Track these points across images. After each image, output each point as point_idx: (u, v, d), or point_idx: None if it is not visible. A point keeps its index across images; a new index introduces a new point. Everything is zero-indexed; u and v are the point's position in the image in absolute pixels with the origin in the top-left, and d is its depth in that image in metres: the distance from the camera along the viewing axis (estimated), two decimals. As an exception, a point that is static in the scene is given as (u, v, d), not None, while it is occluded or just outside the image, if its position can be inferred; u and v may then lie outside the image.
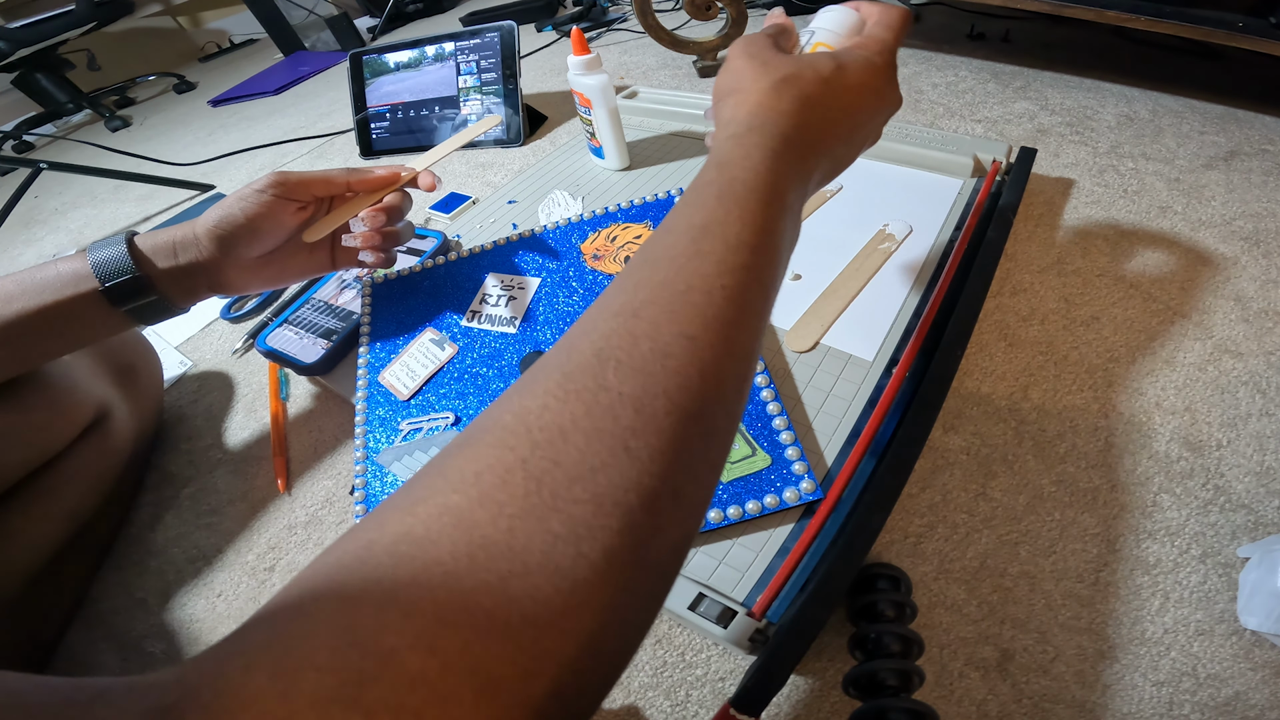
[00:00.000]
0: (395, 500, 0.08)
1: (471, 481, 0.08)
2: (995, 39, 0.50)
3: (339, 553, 0.08)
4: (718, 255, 0.10)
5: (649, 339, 0.09)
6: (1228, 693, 0.16)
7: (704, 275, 0.10)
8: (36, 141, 0.86)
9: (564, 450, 0.08)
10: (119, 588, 0.24)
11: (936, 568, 0.19)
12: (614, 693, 0.18)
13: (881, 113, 0.16)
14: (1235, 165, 0.33)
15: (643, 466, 0.08)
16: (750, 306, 0.11)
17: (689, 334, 0.09)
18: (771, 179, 0.12)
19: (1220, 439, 0.21)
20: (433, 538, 0.07)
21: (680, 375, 0.09)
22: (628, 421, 0.08)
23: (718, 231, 0.11)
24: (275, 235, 0.22)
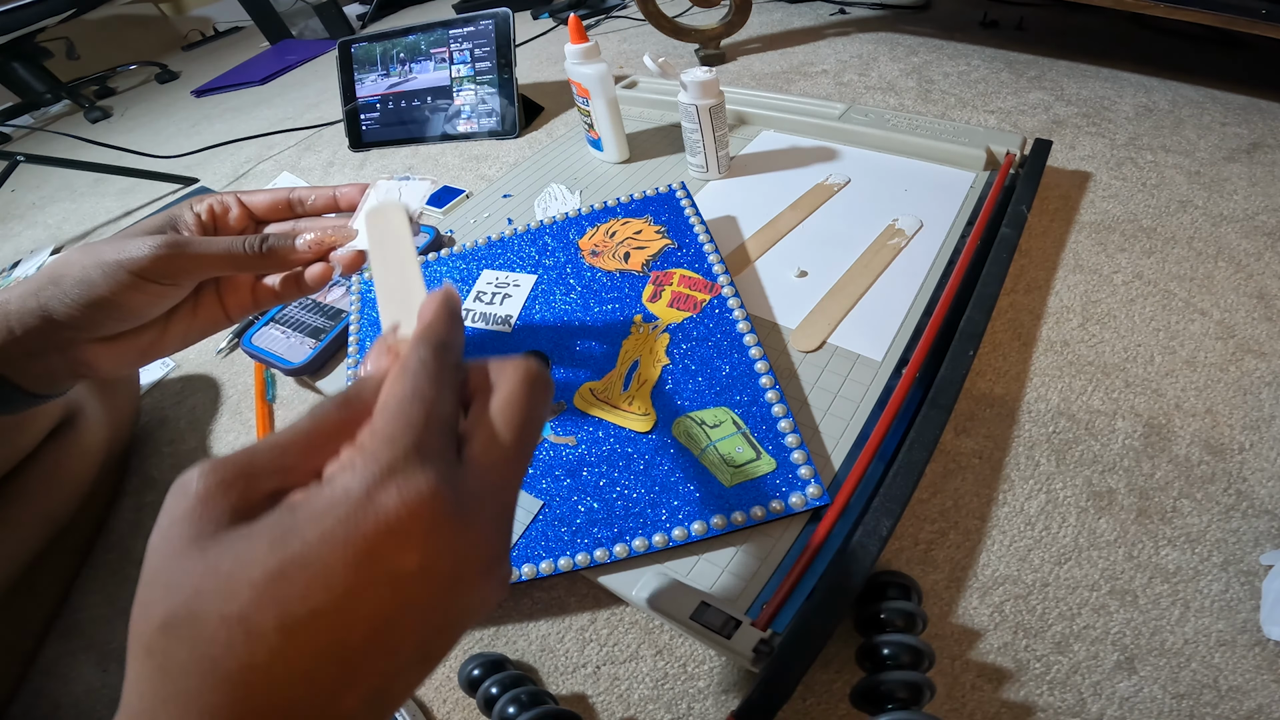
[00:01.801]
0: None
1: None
2: (1009, 27, 0.49)
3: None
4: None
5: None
6: (1250, 705, 0.16)
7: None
8: (13, 133, 0.83)
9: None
10: (99, 596, 0.24)
11: (948, 576, 0.19)
12: (614, 706, 0.18)
13: (432, 637, 0.08)
14: (1258, 158, 0.32)
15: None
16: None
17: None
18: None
19: (1242, 442, 0.21)
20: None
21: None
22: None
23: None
24: (153, 311, 0.16)
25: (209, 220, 0.17)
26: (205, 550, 0.07)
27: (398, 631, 0.08)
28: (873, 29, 0.53)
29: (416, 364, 0.09)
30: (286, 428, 0.09)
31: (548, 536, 0.19)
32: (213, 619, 0.07)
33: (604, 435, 0.21)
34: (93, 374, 0.17)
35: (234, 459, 0.08)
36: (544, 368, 0.10)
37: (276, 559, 0.07)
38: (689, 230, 0.28)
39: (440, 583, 0.08)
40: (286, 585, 0.07)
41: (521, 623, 0.20)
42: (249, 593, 0.07)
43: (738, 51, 0.53)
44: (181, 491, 0.08)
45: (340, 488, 0.08)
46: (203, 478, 0.08)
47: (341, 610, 0.07)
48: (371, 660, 0.08)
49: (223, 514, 0.08)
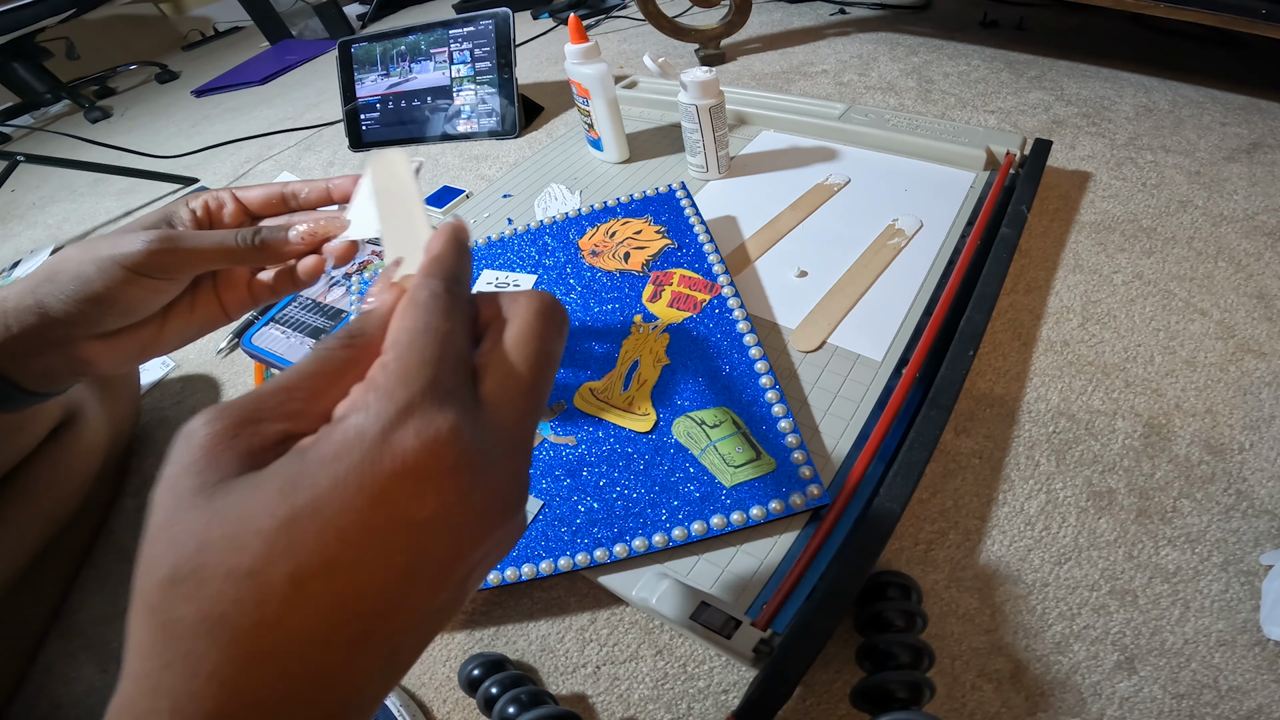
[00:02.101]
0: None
1: None
2: (1009, 27, 0.49)
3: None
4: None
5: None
6: (1250, 705, 0.16)
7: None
8: (13, 133, 0.83)
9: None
10: (99, 596, 0.24)
11: (948, 575, 0.19)
12: (614, 705, 0.18)
13: (442, 587, 0.08)
14: (1258, 158, 0.32)
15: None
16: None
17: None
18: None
19: (1242, 442, 0.21)
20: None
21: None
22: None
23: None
24: (149, 306, 0.16)
25: (204, 216, 0.17)
26: (212, 499, 0.07)
27: (414, 584, 0.07)
28: (873, 29, 0.53)
29: (427, 296, 0.09)
30: (290, 369, 0.08)
31: (548, 536, 0.19)
32: (220, 572, 0.06)
33: (604, 435, 0.21)
34: (91, 371, 0.17)
35: (239, 404, 0.08)
36: (556, 300, 0.10)
37: (287, 507, 0.07)
38: (689, 230, 0.28)
39: (458, 530, 0.08)
40: (298, 534, 0.07)
41: (521, 623, 0.20)
42: (258, 543, 0.07)
43: (738, 51, 0.53)
44: (186, 440, 0.07)
45: (353, 428, 0.07)
46: (208, 424, 0.07)
47: (357, 561, 0.07)
48: (388, 615, 0.07)
49: (230, 462, 0.07)
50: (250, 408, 0.08)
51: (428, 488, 0.07)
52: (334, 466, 0.07)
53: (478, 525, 0.08)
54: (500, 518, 0.08)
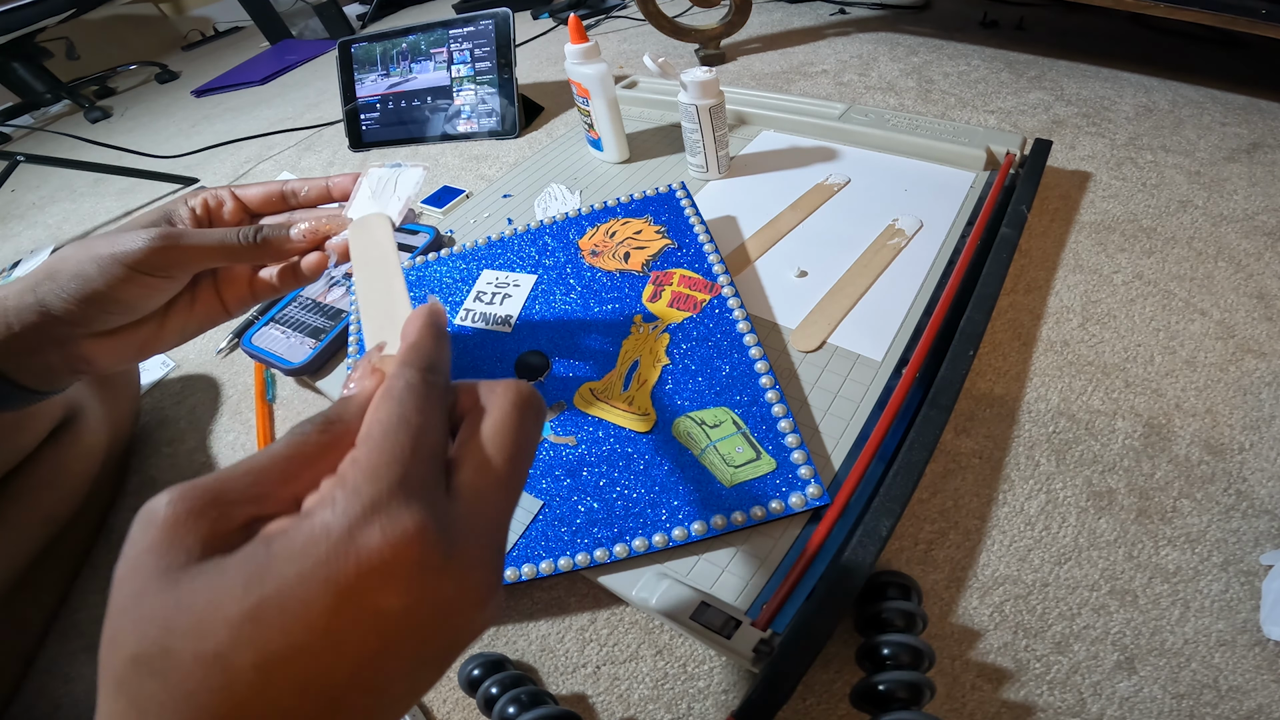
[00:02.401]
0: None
1: None
2: (1009, 27, 0.49)
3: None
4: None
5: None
6: (1250, 705, 0.16)
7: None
8: (13, 133, 0.83)
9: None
10: (99, 596, 0.23)
11: (948, 576, 0.19)
12: (614, 706, 0.18)
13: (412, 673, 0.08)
14: (1258, 158, 0.32)
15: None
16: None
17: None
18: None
19: (1243, 442, 0.21)
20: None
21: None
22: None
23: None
24: (150, 304, 0.16)
25: (203, 214, 0.17)
26: (177, 584, 0.07)
27: (383, 669, 0.07)
28: (873, 29, 0.53)
29: (402, 387, 0.09)
30: (263, 451, 0.08)
31: (548, 536, 0.19)
32: (186, 657, 0.07)
33: (604, 435, 0.21)
34: (91, 369, 0.17)
35: (205, 484, 0.08)
36: (535, 390, 0.10)
37: (253, 598, 0.07)
38: (689, 230, 0.28)
39: (428, 622, 0.08)
40: (264, 626, 0.07)
41: (521, 623, 0.20)
42: (224, 631, 0.07)
43: (738, 51, 0.53)
44: (149, 520, 0.07)
45: (320, 525, 0.07)
46: (171, 505, 0.07)
47: (323, 650, 0.07)
48: (356, 697, 0.07)
49: (193, 545, 0.07)
50: (216, 489, 0.08)
51: (394, 584, 0.07)
52: (300, 563, 0.07)
53: (448, 615, 0.08)
54: (472, 607, 0.08)
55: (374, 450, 0.08)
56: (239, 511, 0.08)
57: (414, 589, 0.07)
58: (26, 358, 0.15)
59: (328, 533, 0.07)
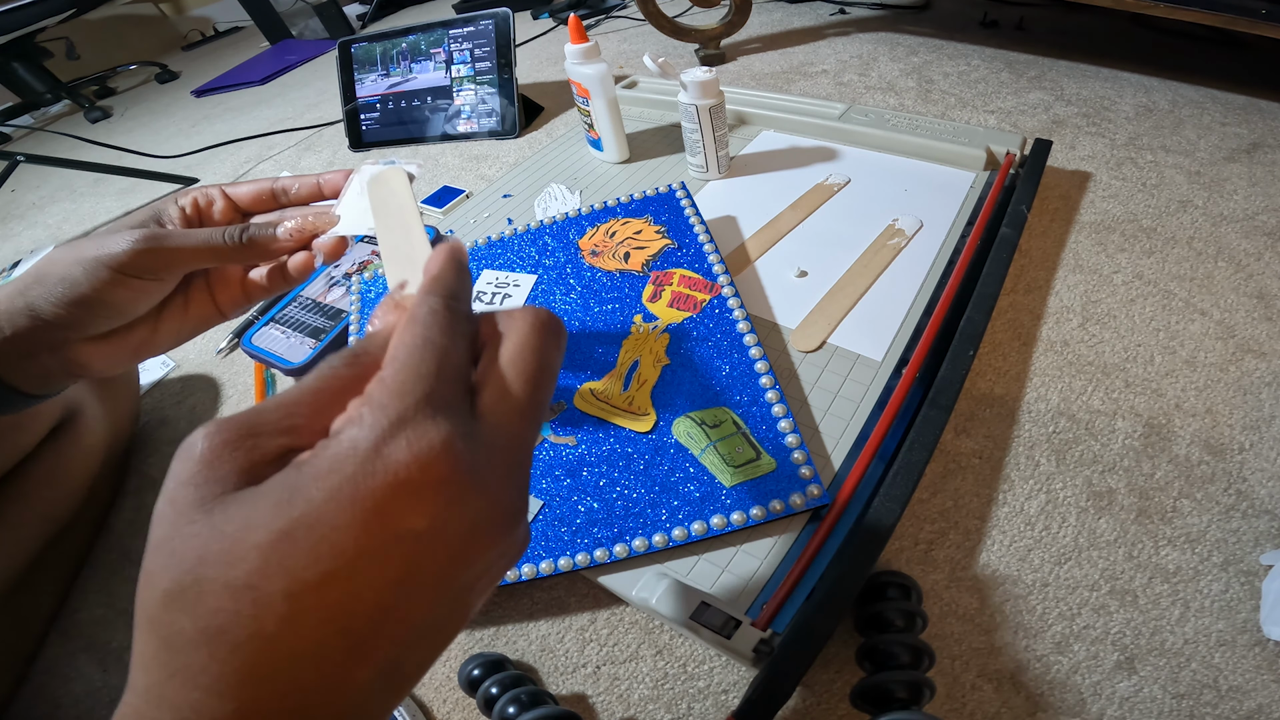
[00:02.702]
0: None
1: None
2: (1009, 27, 0.49)
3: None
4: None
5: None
6: (1250, 705, 0.16)
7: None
8: (13, 133, 0.83)
9: None
10: (99, 596, 0.23)
11: (948, 575, 0.19)
12: (614, 706, 0.18)
13: (443, 601, 0.08)
14: (1258, 158, 0.32)
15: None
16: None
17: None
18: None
19: (1243, 442, 0.21)
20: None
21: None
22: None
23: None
24: (140, 307, 0.16)
25: (193, 213, 0.17)
26: (210, 514, 0.07)
27: (409, 598, 0.07)
28: (873, 29, 0.53)
29: (426, 313, 0.09)
30: (293, 386, 0.08)
31: (548, 536, 0.19)
32: (217, 587, 0.07)
33: (604, 435, 0.21)
34: (86, 373, 0.16)
35: (240, 418, 0.08)
36: (553, 314, 0.10)
37: (282, 521, 0.07)
38: (689, 230, 0.28)
39: (453, 543, 0.08)
40: (293, 548, 0.07)
41: (521, 623, 0.20)
42: (255, 557, 0.07)
43: (738, 51, 0.53)
44: (187, 454, 0.08)
45: (347, 442, 0.07)
46: (207, 438, 0.08)
47: (350, 575, 0.07)
48: (384, 628, 0.07)
49: (229, 476, 0.07)
50: (251, 422, 0.08)
51: (420, 499, 0.07)
52: (328, 480, 0.07)
53: (474, 537, 0.08)
54: (499, 530, 0.08)
55: (400, 369, 0.08)
56: (273, 443, 0.08)
57: (440, 507, 0.07)
58: (20, 362, 0.15)
59: (355, 449, 0.07)
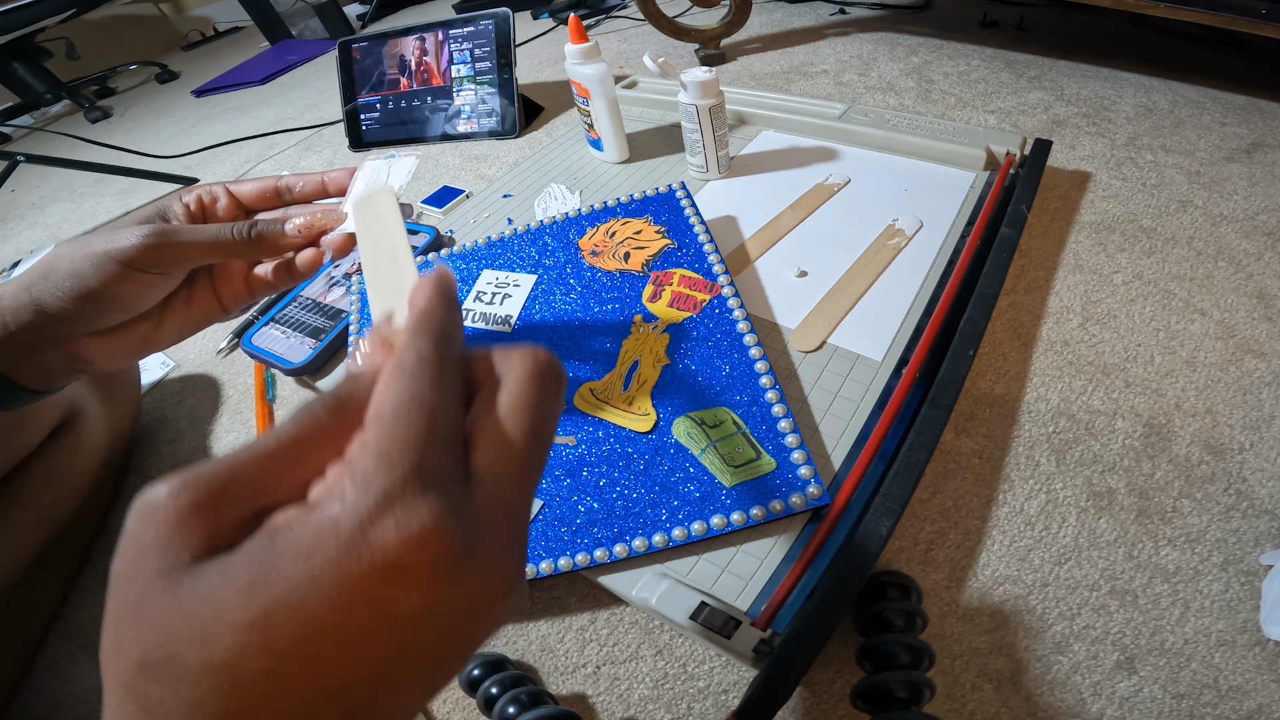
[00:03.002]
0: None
1: None
2: (1009, 27, 0.49)
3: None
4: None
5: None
6: (1250, 705, 0.16)
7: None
8: (13, 133, 0.83)
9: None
10: (99, 596, 0.23)
11: (948, 576, 0.19)
12: (614, 706, 0.18)
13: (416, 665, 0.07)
14: (1258, 158, 0.32)
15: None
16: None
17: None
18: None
19: (1243, 442, 0.21)
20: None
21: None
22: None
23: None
24: (145, 301, 0.16)
25: (198, 210, 0.17)
26: (178, 587, 0.07)
27: (403, 668, 0.07)
28: (873, 29, 0.53)
29: (414, 361, 0.08)
30: (268, 434, 0.08)
31: (548, 536, 0.19)
32: (193, 664, 0.06)
33: (604, 435, 0.21)
34: (89, 368, 0.16)
35: (208, 474, 0.07)
36: (553, 356, 0.09)
37: (260, 600, 0.06)
38: (689, 230, 0.28)
39: (448, 620, 0.07)
40: (273, 630, 0.06)
41: (521, 623, 0.20)
42: (230, 638, 0.06)
43: (738, 51, 0.53)
44: (149, 514, 0.07)
45: (329, 521, 0.07)
46: (174, 497, 0.07)
47: (338, 655, 0.07)
48: (375, 699, 0.07)
49: (196, 543, 0.07)
50: (220, 479, 0.07)
51: (411, 584, 0.07)
52: (309, 562, 0.07)
53: (470, 612, 0.07)
54: (495, 600, 0.08)
55: (385, 433, 0.07)
56: (245, 502, 0.07)
57: (433, 588, 0.07)
58: (24, 357, 0.15)
59: (337, 529, 0.07)
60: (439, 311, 0.09)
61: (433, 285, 0.09)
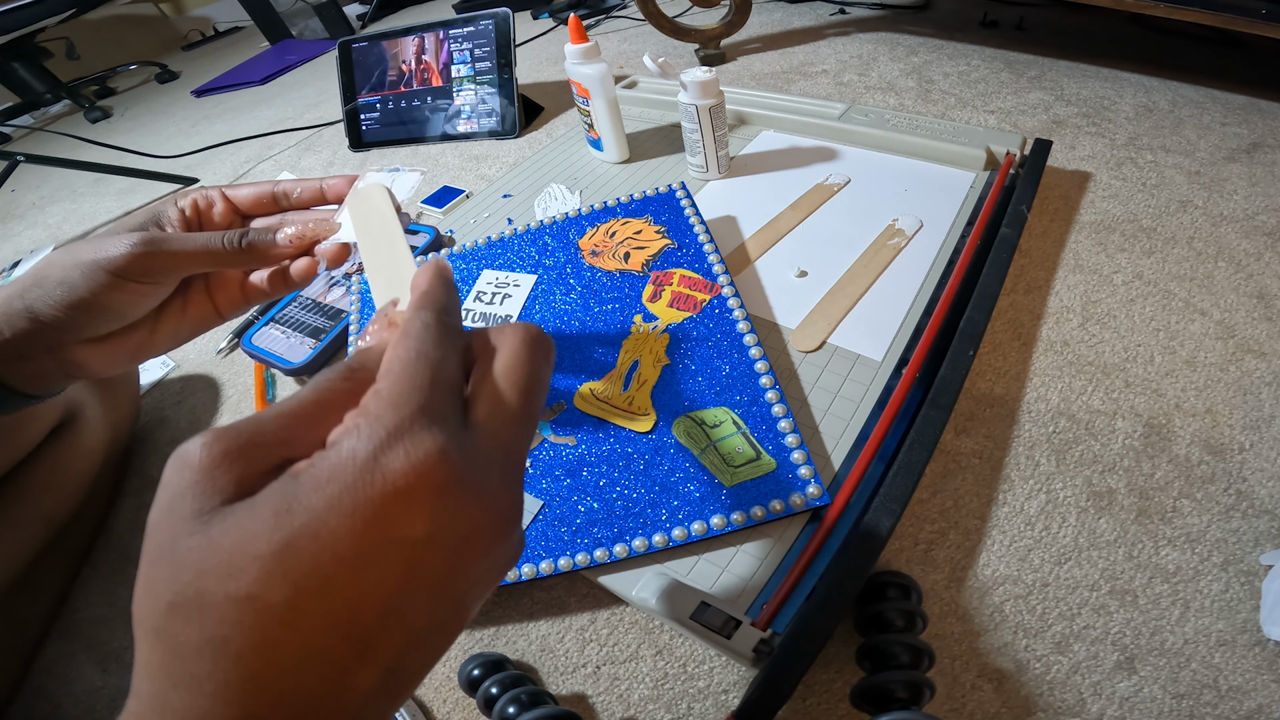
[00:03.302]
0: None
1: None
2: (1009, 27, 0.49)
3: None
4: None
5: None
6: (1250, 705, 0.16)
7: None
8: (13, 133, 0.83)
9: None
10: (99, 596, 0.23)
11: (948, 576, 0.19)
12: (614, 706, 0.18)
13: (442, 602, 0.08)
14: (1258, 158, 0.32)
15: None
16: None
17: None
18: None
19: (1243, 442, 0.21)
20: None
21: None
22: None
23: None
24: (138, 310, 0.16)
25: (193, 216, 0.17)
26: (208, 525, 0.07)
27: (410, 602, 0.08)
28: (873, 29, 0.53)
29: (419, 327, 0.09)
30: (290, 397, 0.08)
31: (548, 536, 0.19)
32: (219, 598, 0.07)
33: (604, 435, 0.21)
34: (84, 374, 0.16)
35: (238, 428, 0.08)
36: (542, 330, 0.10)
37: (282, 531, 0.07)
38: (689, 230, 0.28)
39: (452, 549, 0.08)
40: (294, 558, 0.07)
41: (521, 623, 0.20)
42: (255, 568, 0.07)
43: (738, 51, 0.53)
44: (183, 463, 0.08)
45: (346, 452, 0.07)
46: (205, 448, 0.08)
47: (352, 581, 0.07)
48: (385, 633, 0.07)
49: (226, 487, 0.07)
50: (249, 432, 0.08)
51: (419, 507, 0.07)
52: (327, 489, 0.07)
53: (472, 542, 0.08)
54: (495, 537, 0.08)
55: (395, 382, 0.08)
56: (270, 453, 0.08)
57: (438, 513, 0.08)
58: (19, 363, 0.15)
59: (354, 458, 0.07)
60: (439, 291, 0.10)
61: (432, 270, 0.11)
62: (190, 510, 0.07)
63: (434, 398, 0.08)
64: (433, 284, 0.10)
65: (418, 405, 0.08)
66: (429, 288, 0.10)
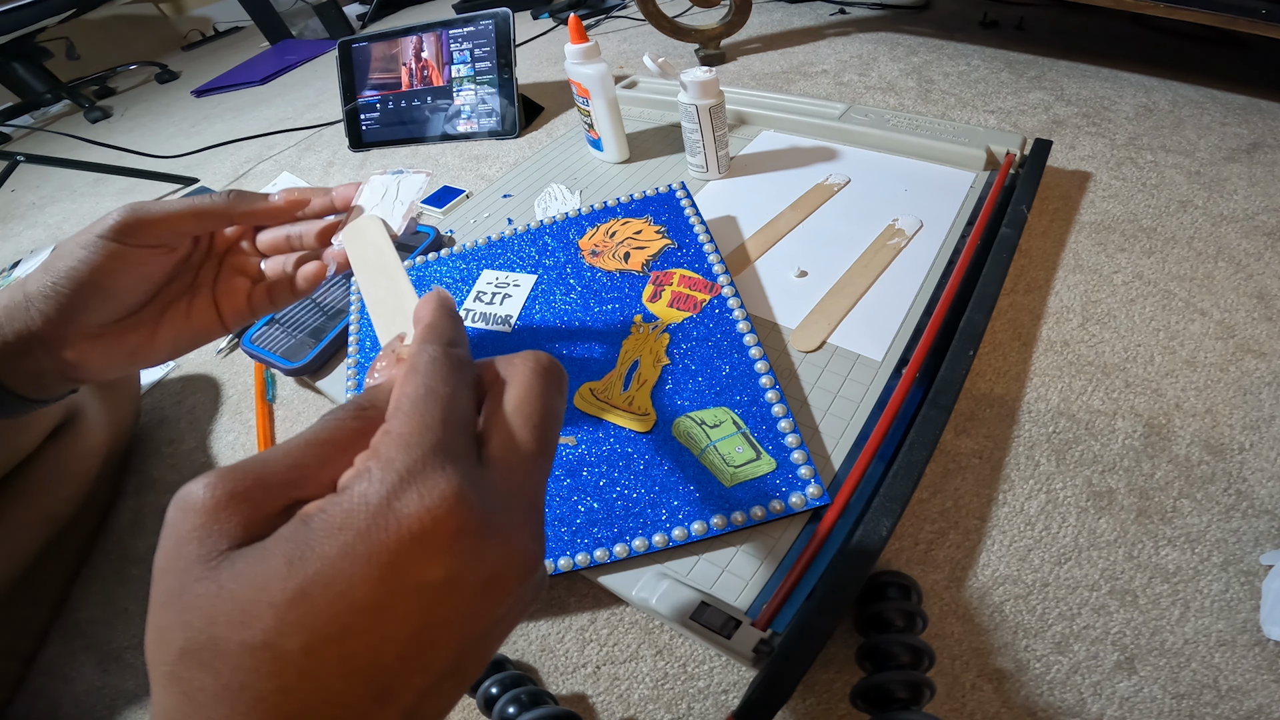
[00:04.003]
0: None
1: None
2: (1009, 27, 0.49)
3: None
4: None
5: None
6: (1250, 705, 0.16)
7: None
8: (13, 133, 0.83)
9: None
10: (99, 597, 0.24)
11: (948, 576, 0.19)
12: (614, 706, 0.18)
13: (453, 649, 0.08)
14: (1258, 158, 0.32)
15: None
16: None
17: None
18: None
19: (1243, 442, 0.21)
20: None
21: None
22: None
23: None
24: (135, 290, 0.16)
25: (204, 238, 0.17)
26: (218, 571, 0.07)
27: (430, 646, 0.07)
28: (873, 29, 0.53)
29: (427, 361, 0.09)
30: (297, 436, 0.08)
31: (548, 536, 0.19)
32: (234, 646, 0.07)
33: (604, 435, 0.21)
34: (81, 375, 0.16)
35: (243, 469, 0.08)
36: (554, 358, 0.10)
37: (296, 579, 0.07)
38: (689, 230, 0.28)
39: (471, 592, 0.08)
40: (309, 606, 0.07)
41: (521, 623, 0.20)
42: (270, 617, 0.07)
43: (738, 51, 0.53)
44: (187, 505, 0.07)
45: (358, 497, 0.07)
46: (210, 489, 0.07)
47: (370, 628, 0.07)
48: (404, 678, 0.07)
49: (233, 530, 0.07)
50: (254, 473, 0.08)
51: (436, 551, 0.07)
52: (341, 535, 0.07)
53: (492, 586, 0.08)
54: (516, 578, 0.08)
55: (405, 421, 0.08)
56: (278, 495, 0.08)
57: (456, 557, 0.07)
58: (16, 361, 0.15)
59: (366, 504, 0.07)
60: (443, 323, 0.10)
61: (434, 301, 0.11)
62: (196, 555, 0.07)
63: (446, 436, 0.08)
64: (436, 315, 0.10)
65: (430, 445, 0.08)
66: (433, 320, 0.10)
